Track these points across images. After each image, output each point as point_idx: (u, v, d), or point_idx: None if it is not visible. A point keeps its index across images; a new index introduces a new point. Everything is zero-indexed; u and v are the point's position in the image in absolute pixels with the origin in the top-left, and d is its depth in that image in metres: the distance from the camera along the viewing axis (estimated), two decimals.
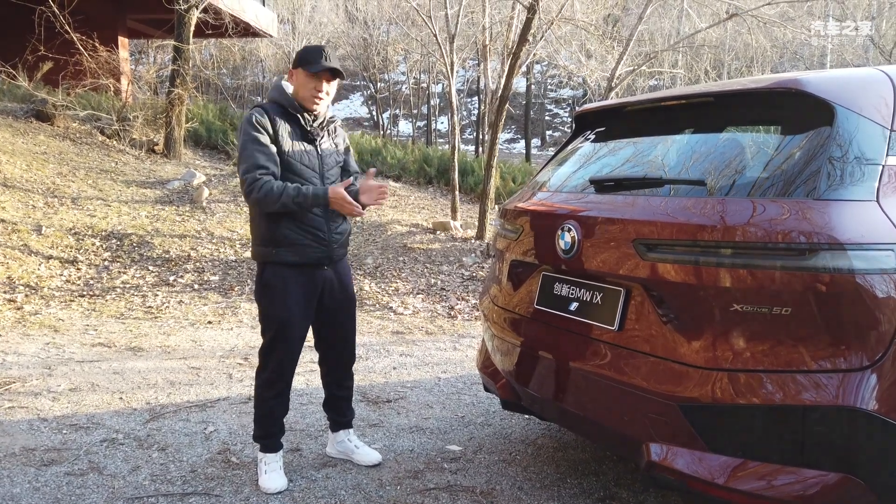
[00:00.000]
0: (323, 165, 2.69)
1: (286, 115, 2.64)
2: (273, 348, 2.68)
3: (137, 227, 7.37)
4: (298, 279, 2.65)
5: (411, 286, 6.58)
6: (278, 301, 2.64)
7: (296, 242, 2.62)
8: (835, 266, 1.74)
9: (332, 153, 2.74)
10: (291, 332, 2.67)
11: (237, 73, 31.26)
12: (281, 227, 2.60)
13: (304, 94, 2.63)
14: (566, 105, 36.46)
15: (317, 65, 2.59)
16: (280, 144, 2.58)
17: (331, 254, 2.71)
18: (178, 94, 10.09)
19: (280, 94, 2.67)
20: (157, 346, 4.79)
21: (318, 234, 2.65)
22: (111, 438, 3.15)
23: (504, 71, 8.31)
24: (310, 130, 2.66)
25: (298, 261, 2.64)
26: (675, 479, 1.95)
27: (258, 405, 2.74)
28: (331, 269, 2.75)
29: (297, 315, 2.67)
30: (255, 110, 2.62)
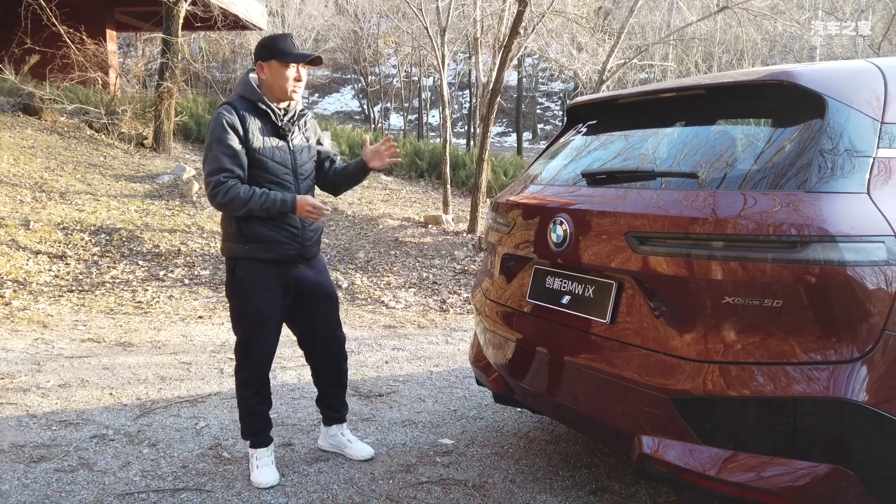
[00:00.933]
0: (296, 161, 2.64)
1: (256, 110, 2.57)
2: (248, 346, 2.65)
3: (127, 221, 7.32)
4: (271, 275, 2.61)
5: (403, 280, 6.57)
6: (250, 298, 2.60)
7: (269, 239, 2.57)
8: (826, 258, 1.74)
9: (304, 148, 2.69)
10: (264, 329, 2.64)
11: (227, 66, 31.03)
12: (253, 224, 2.55)
13: (282, 86, 2.57)
14: (557, 98, 36.43)
15: (292, 54, 2.54)
16: (250, 142, 2.52)
17: (304, 251, 2.67)
18: (168, 87, 10.00)
19: (248, 90, 2.60)
20: (148, 341, 4.76)
21: (292, 230, 2.61)
22: (101, 434, 3.13)
23: (495, 64, 8.29)
24: (281, 126, 2.61)
25: (272, 257, 2.59)
26: (668, 471, 1.96)
27: (241, 404, 2.72)
28: (304, 267, 2.71)
29: (270, 312, 2.63)
30: (223, 108, 2.55)
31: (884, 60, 2.09)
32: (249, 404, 2.71)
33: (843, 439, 1.73)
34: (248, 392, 2.70)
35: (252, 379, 2.68)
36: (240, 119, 2.52)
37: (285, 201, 2.51)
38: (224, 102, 2.62)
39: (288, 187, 2.60)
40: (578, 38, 10.17)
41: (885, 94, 1.96)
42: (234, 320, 2.68)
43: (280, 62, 2.55)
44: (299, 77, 2.59)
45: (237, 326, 2.67)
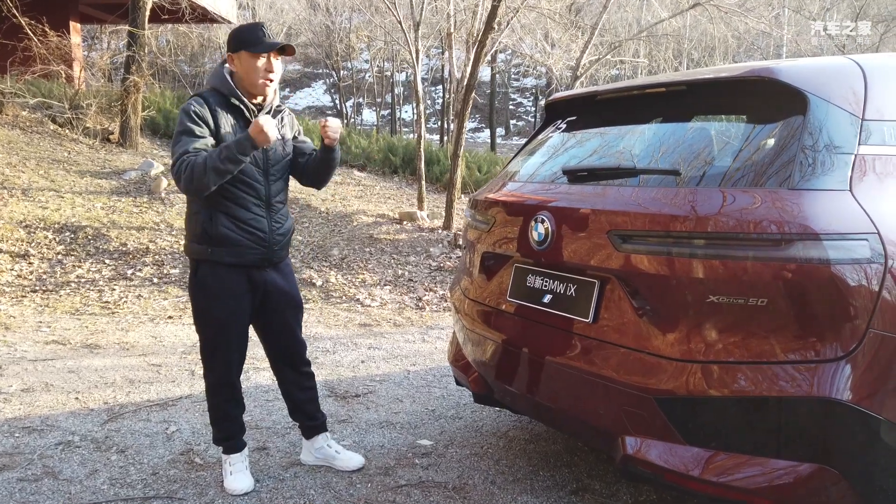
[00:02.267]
0: (268, 161, 2.50)
1: (228, 105, 2.45)
2: (214, 351, 2.55)
3: (92, 219, 7.12)
4: (236, 280, 2.48)
5: (378, 277, 6.49)
6: (214, 301, 2.47)
7: (234, 243, 2.45)
8: (810, 256, 1.73)
9: (278, 146, 2.54)
10: (229, 334, 2.52)
11: (195, 60, 30.48)
12: (218, 226, 2.42)
13: (253, 79, 2.43)
14: (529, 94, 36.53)
15: (261, 44, 2.40)
16: (221, 138, 2.38)
17: (271, 256, 2.55)
18: (134, 81, 9.75)
19: (221, 82, 2.46)
20: (115, 342, 4.62)
21: (258, 234, 2.48)
22: (67, 441, 3.01)
23: (469, 59, 8.24)
24: None
25: (236, 261, 2.47)
26: (652, 472, 1.93)
27: (212, 409, 2.63)
28: (272, 271, 2.59)
29: (235, 317, 2.52)
30: (193, 100, 2.42)
31: (863, 57, 2.09)
32: (221, 408, 2.62)
33: (828, 438, 1.72)
34: (219, 398, 2.61)
35: (220, 384, 2.59)
36: (210, 112, 2.40)
37: (240, 141, 2.30)
38: (195, 94, 2.48)
39: (257, 187, 2.48)
40: (552, 34, 10.17)
41: (865, 90, 1.96)
42: (197, 323, 2.57)
43: (249, 53, 2.41)
44: (270, 68, 2.44)
45: (200, 330, 2.56)
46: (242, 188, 2.45)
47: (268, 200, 2.52)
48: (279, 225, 2.56)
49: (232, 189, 2.43)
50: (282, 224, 2.58)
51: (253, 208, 2.48)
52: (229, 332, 2.53)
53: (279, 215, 2.57)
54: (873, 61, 2.06)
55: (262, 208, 2.50)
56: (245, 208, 2.46)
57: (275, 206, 2.55)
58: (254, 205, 2.48)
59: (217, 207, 2.43)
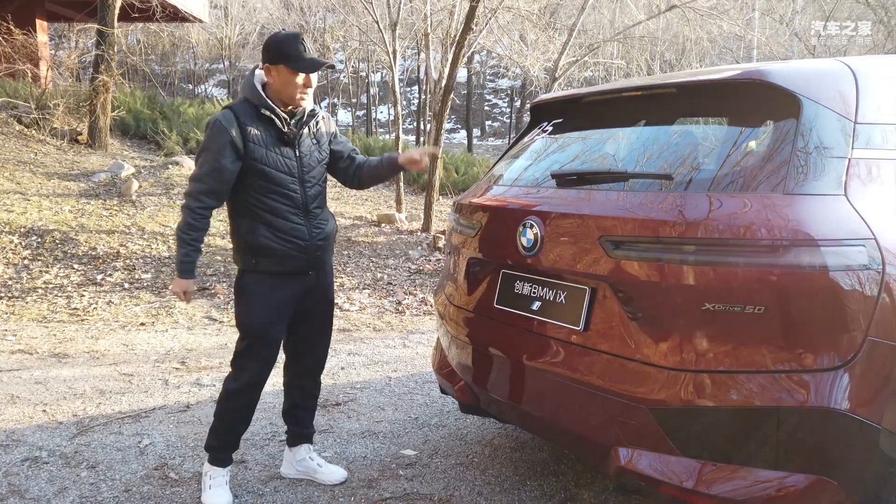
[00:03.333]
0: (302, 169, 2.47)
1: (259, 116, 2.40)
2: (249, 357, 2.50)
3: (60, 222, 6.91)
4: (280, 287, 2.48)
5: (357, 281, 6.39)
6: (257, 308, 2.47)
7: (277, 253, 2.44)
8: (807, 263, 1.70)
9: (312, 152, 2.52)
10: (268, 342, 2.51)
11: (166, 59, 29.99)
12: (259, 237, 2.43)
13: (291, 93, 2.40)
14: (505, 95, 36.59)
15: (302, 60, 2.36)
16: (251, 151, 2.36)
17: (313, 262, 2.53)
18: (103, 80, 9.52)
19: (252, 93, 2.42)
20: (85, 351, 4.46)
21: (298, 242, 2.47)
22: (34, 457, 2.88)
23: (447, 60, 8.18)
24: (286, 132, 2.43)
25: (281, 270, 2.47)
26: (647, 484, 1.89)
27: (220, 415, 2.55)
28: (314, 274, 2.57)
29: (276, 325, 2.51)
30: (223, 114, 2.38)
31: (854, 60, 2.07)
32: (231, 417, 2.55)
33: (826, 449, 1.69)
34: (236, 404, 2.53)
35: (245, 392, 2.52)
36: (239, 127, 2.35)
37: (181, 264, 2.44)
38: (225, 106, 2.43)
39: (293, 196, 2.45)
40: (530, 35, 10.14)
41: (857, 93, 1.93)
42: (239, 329, 2.54)
43: (289, 68, 2.37)
44: (309, 83, 2.41)
45: (240, 337, 2.54)
46: (278, 199, 2.43)
47: (305, 207, 2.49)
48: (319, 231, 2.53)
49: (268, 200, 2.43)
50: (322, 229, 2.55)
51: (291, 217, 2.46)
52: (267, 341, 2.50)
53: (318, 220, 2.54)
54: (864, 64, 2.04)
55: (301, 216, 2.47)
56: (283, 218, 2.44)
57: (313, 212, 2.52)
58: (292, 214, 2.46)
59: (256, 219, 2.44)
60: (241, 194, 2.43)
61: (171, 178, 8.61)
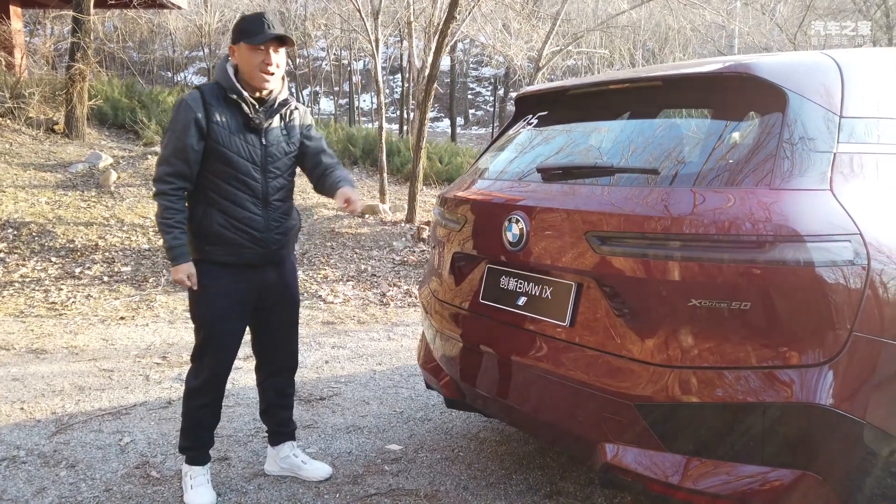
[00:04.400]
0: (266, 158, 2.40)
1: (226, 100, 2.35)
2: (204, 352, 2.45)
3: (37, 214, 6.78)
4: (233, 279, 2.40)
5: (341, 273, 6.35)
6: (208, 301, 2.40)
7: (229, 241, 2.36)
8: (793, 259, 1.69)
9: (280, 142, 2.44)
10: (223, 336, 2.44)
11: (144, 47, 29.47)
12: (213, 223, 2.35)
13: (251, 72, 2.34)
14: (488, 84, 36.45)
15: (259, 35, 2.30)
16: (214, 133, 2.30)
17: (269, 255, 2.45)
18: (80, 69, 9.32)
19: (222, 76, 2.37)
20: (63, 346, 4.39)
21: (253, 233, 2.39)
22: (11, 456, 2.83)
23: (430, 49, 8.11)
24: (252, 117, 2.36)
25: (232, 261, 2.39)
26: (633, 480, 1.88)
27: (186, 414, 2.50)
28: (271, 270, 2.50)
29: (230, 317, 2.43)
30: (190, 94, 2.34)
31: (838, 53, 2.06)
32: (196, 415, 2.49)
33: (811, 444, 1.69)
34: (199, 402, 2.48)
35: (207, 388, 2.47)
36: (204, 108, 2.30)
37: (169, 252, 2.34)
38: (195, 86, 2.40)
39: (253, 185, 2.38)
40: (514, 24, 10.08)
41: (842, 87, 1.93)
42: (194, 323, 2.48)
43: (247, 45, 2.31)
44: (269, 61, 2.33)
45: (196, 331, 2.48)
46: (238, 185, 2.36)
47: (265, 198, 2.41)
48: (278, 224, 2.45)
49: (226, 186, 2.36)
50: (281, 223, 2.47)
51: (249, 206, 2.38)
52: (219, 334, 2.43)
53: (278, 213, 2.46)
54: (850, 57, 2.03)
55: (259, 206, 2.40)
56: (241, 206, 2.37)
57: (273, 204, 2.44)
58: (250, 203, 2.39)
59: (212, 205, 2.36)
60: (201, 178, 2.36)
61: (151, 169, 8.47)
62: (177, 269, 2.33)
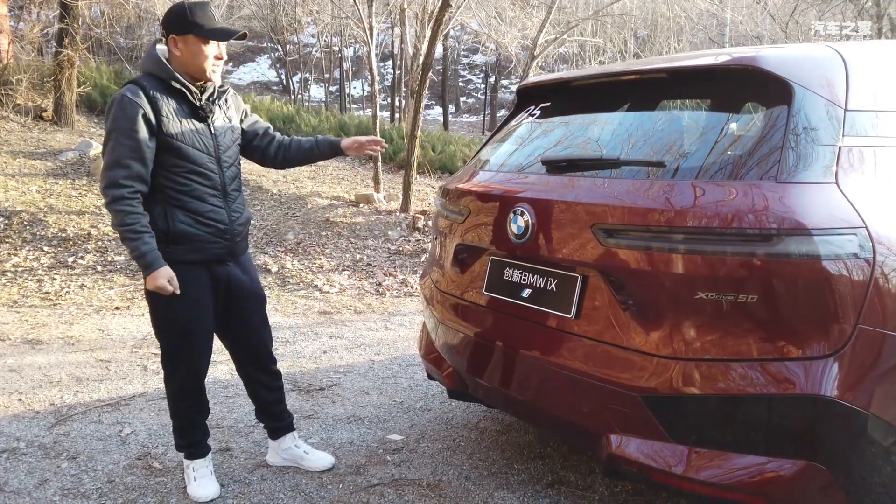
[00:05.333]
0: (218, 146, 2.34)
1: (168, 90, 2.25)
2: (177, 357, 2.39)
3: (28, 203, 6.71)
4: (199, 279, 2.33)
5: (336, 262, 6.33)
6: (176, 303, 2.28)
7: (194, 238, 2.29)
8: (798, 252, 1.70)
9: (226, 130, 2.39)
10: (194, 337, 2.37)
11: (132, 32, 29.09)
12: (175, 222, 2.25)
13: (199, 64, 2.25)
14: (479, 71, 36.33)
15: (215, 30, 2.24)
16: (164, 127, 2.20)
17: (233, 248, 2.41)
18: (68, 55, 9.21)
19: (157, 66, 2.26)
20: (59, 336, 4.37)
21: (218, 226, 2.33)
22: (11, 448, 2.82)
23: (424, 36, 8.06)
24: (200, 107, 2.30)
25: (199, 258, 2.32)
26: (638, 470, 1.90)
27: (175, 415, 2.49)
28: (234, 265, 2.45)
29: (200, 317, 2.37)
30: (127, 89, 2.19)
31: (843, 45, 2.07)
32: (184, 415, 2.48)
33: (817, 435, 1.71)
34: (184, 404, 2.46)
35: (184, 391, 2.44)
36: (149, 101, 2.19)
37: (141, 259, 2.16)
38: (128, 81, 2.27)
39: (211, 176, 2.32)
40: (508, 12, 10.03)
41: (847, 80, 1.93)
42: (157, 327, 2.39)
43: (199, 37, 2.23)
44: (220, 55, 2.29)
45: (161, 335, 2.39)
46: (197, 179, 2.29)
47: (224, 189, 2.37)
48: (238, 214, 2.43)
49: (184, 181, 2.27)
50: (240, 213, 2.44)
51: (210, 199, 2.33)
52: (193, 336, 2.37)
53: (236, 204, 2.43)
54: (854, 50, 2.04)
55: (220, 198, 2.36)
56: (202, 200, 2.31)
57: (231, 194, 2.41)
58: (210, 195, 2.33)
59: (172, 202, 2.27)
60: (154, 177, 2.23)
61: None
62: (155, 276, 2.18)
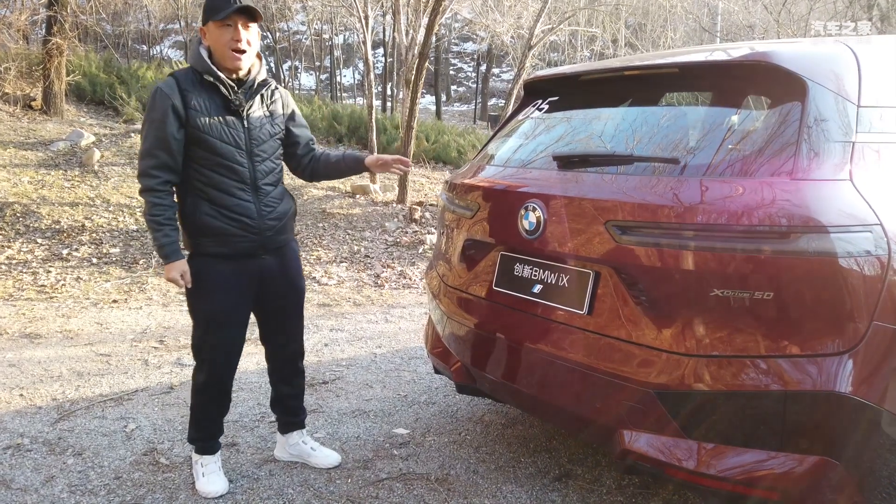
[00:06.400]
0: (251, 141, 2.32)
1: (203, 83, 2.27)
2: (203, 347, 2.41)
3: (20, 194, 6.64)
4: (228, 270, 2.34)
5: (334, 254, 6.31)
6: (205, 294, 2.33)
7: (220, 232, 2.29)
8: (815, 249, 1.71)
9: (263, 124, 2.37)
10: (222, 329, 2.38)
11: (118, 19, 28.69)
12: (201, 215, 2.28)
13: (222, 52, 2.26)
14: (470, 59, 36.18)
15: (224, 9, 2.21)
16: (192, 120, 2.22)
17: (264, 242, 2.39)
18: (57, 43, 9.07)
19: (196, 60, 2.29)
20: (57, 330, 4.33)
21: (245, 221, 2.32)
22: (16, 444, 2.80)
23: (419, 25, 8.00)
24: (232, 100, 2.29)
25: (226, 252, 2.32)
26: (651, 466, 1.91)
27: (194, 408, 2.49)
28: (270, 257, 2.44)
29: (228, 310, 2.38)
30: (165, 82, 2.26)
31: (853, 41, 2.07)
32: (204, 409, 2.48)
33: (832, 431, 1.73)
34: (205, 397, 2.46)
35: (210, 384, 2.44)
36: (181, 94, 2.22)
37: (160, 249, 2.28)
38: (169, 74, 2.31)
39: (239, 170, 2.31)
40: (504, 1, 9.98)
41: (859, 76, 1.93)
42: (191, 318, 2.44)
43: (215, 22, 2.24)
44: (238, 37, 2.25)
45: (194, 326, 2.43)
46: (223, 172, 2.29)
47: (254, 183, 2.35)
48: (270, 209, 2.39)
49: (211, 174, 2.28)
50: (273, 208, 2.40)
51: (237, 193, 2.31)
52: (219, 329, 2.38)
53: (269, 198, 2.39)
54: (865, 46, 2.04)
55: (249, 192, 2.34)
56: (229, 193, 2.30)
57: (263, 188, 2.37)
58: (238, 189, 2.31)
59: (200, 195, 2.29)
60: (186, 169, 2.28)
61: (135, 148, 8.31)
62: (170, 268, 2.28)
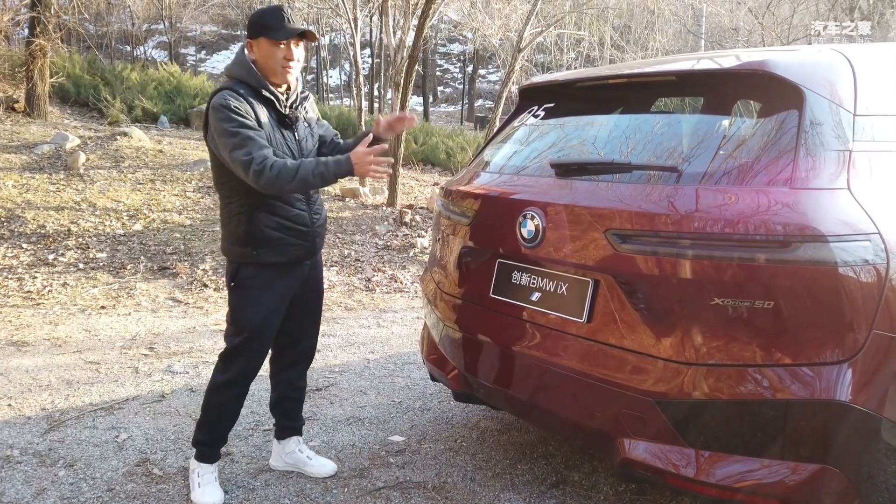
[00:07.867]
0: (302, 153, 2.38)
1: (259, 98, 2.29)
2: (244, 352, 2.41)
3: (4, 198, 6.54)
4: (279, 280, 2.39)
5: (324, 258, 6.27)
6: (255, 305, 2.37)
7: (279, 242, 2.35)
8: (814, 258, 1.72)
9: (307, 136, 2.44)
10: (266, 337, 2.43)
11: (101, 19, 28.40)
12: (261, 226, 2.32)
13: (272, 67, 2.29)
14: (456, 60, 36.24)
15: (282, 30, 2.25)
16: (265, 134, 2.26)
17: (314, 249, 2.48)
18: (40, 44, 8.97)
19: (249, 74, 2.29)
20: (44, 338, 4.27)
21: (301, 229, 2.39)
22: (5, 456, 2.75)
23: (407, 27, 7.98)
24: (287, 115, 2.34)
25: (283, 261, 2.38)
26: (651, 474, 1.91)
27: (208, 408, 2.46)
28: (309, 264, 2.51)
29: (275, 320, 2.43)
30: (229, 95, 2.21)
31: (848, 49, 2.08)
32: (220, 410, 2.46)
33: (832, 439, 1.74)
34: (226, 397, 2.44)
35: (232, 384, 2.43)
36: (249, 106, 2.24)
37: (339, 162, 2.21)
38: (222, 87, 2.28)
39: None
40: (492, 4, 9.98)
41: (855, 85, 1.95)
42: (233, 325, 2.42)
43: (269, 39, 2.26)
44: (291, 56, 2.29)
45: (234, 331, 2.41)
46: None
47: (307, 193, 2.42)
48: (318, 216, 2.48)
49: None
50: (320, 215, 2.50)
51: (296, 203, 2.39)
52: (264, 336, 2.42)
53: (317, 206, 2.49)
54: (860, 53, 2.05)
55: (304, 202, 2.41)
56: (289, 204, 2.37)
57: (313, 197, 2.46)
58: (297, 199, 2.39)
59: (260, 207, 2.32)
60: (243, 182, 2.26)
61: (121, 151, 8.23)
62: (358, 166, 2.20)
